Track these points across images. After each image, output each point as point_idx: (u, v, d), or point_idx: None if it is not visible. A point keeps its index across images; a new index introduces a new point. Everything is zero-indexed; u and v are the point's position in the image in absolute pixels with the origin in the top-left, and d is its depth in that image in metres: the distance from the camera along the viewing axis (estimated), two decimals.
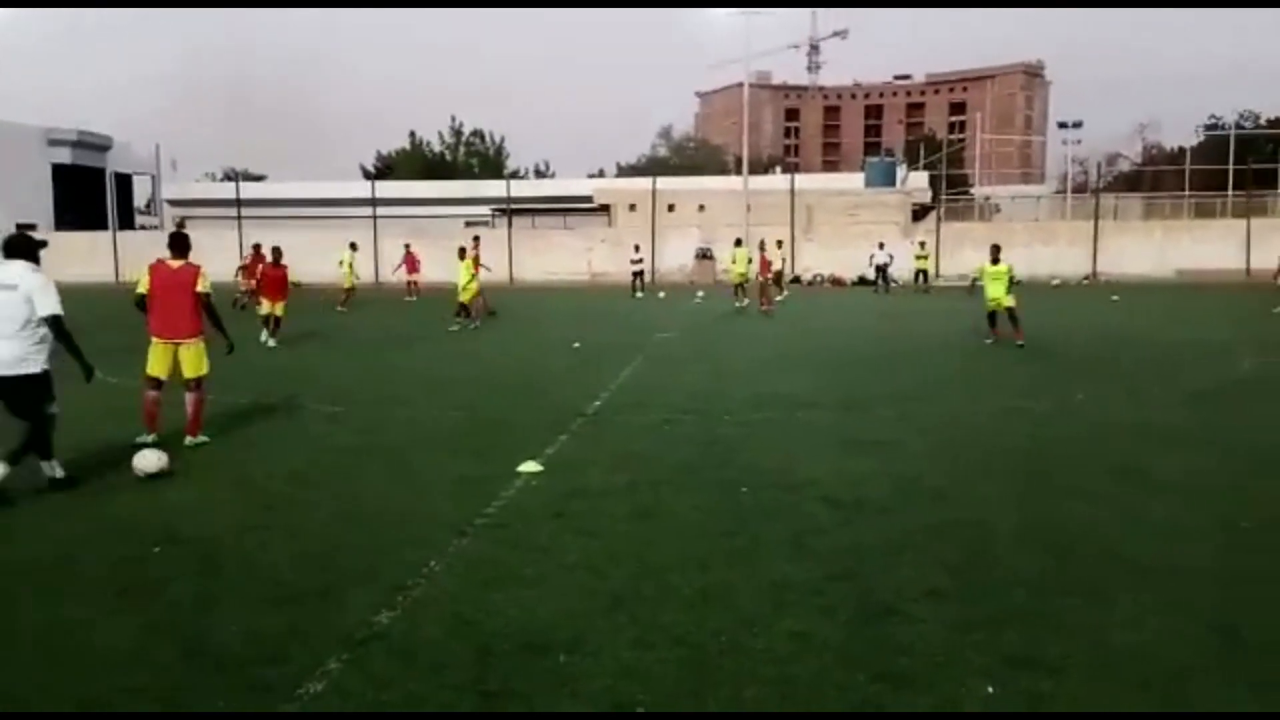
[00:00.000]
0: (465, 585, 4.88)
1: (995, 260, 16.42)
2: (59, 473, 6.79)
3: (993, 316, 16.33)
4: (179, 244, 8.51)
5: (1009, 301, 15.96)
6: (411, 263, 30.20)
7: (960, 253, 40.57)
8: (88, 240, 45.64)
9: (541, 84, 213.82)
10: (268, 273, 17.70)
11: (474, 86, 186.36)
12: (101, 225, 49.14)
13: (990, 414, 9.89)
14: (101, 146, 61.48)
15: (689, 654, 4.06)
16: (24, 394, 6.59)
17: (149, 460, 7.10)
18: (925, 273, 34.91)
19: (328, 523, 6.02)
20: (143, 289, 8.29)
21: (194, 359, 8.29)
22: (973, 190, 61.08)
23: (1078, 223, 42.52)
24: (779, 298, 27.68)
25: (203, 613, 4.53)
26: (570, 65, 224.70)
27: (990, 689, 3.73)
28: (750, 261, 26.84)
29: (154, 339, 8.29)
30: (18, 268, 6.69)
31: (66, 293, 6.86)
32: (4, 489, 6.35)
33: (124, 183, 60.59)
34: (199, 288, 8.28)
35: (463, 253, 20.42)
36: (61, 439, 6.94)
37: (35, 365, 6.62)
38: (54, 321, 6.64)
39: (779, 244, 30.01)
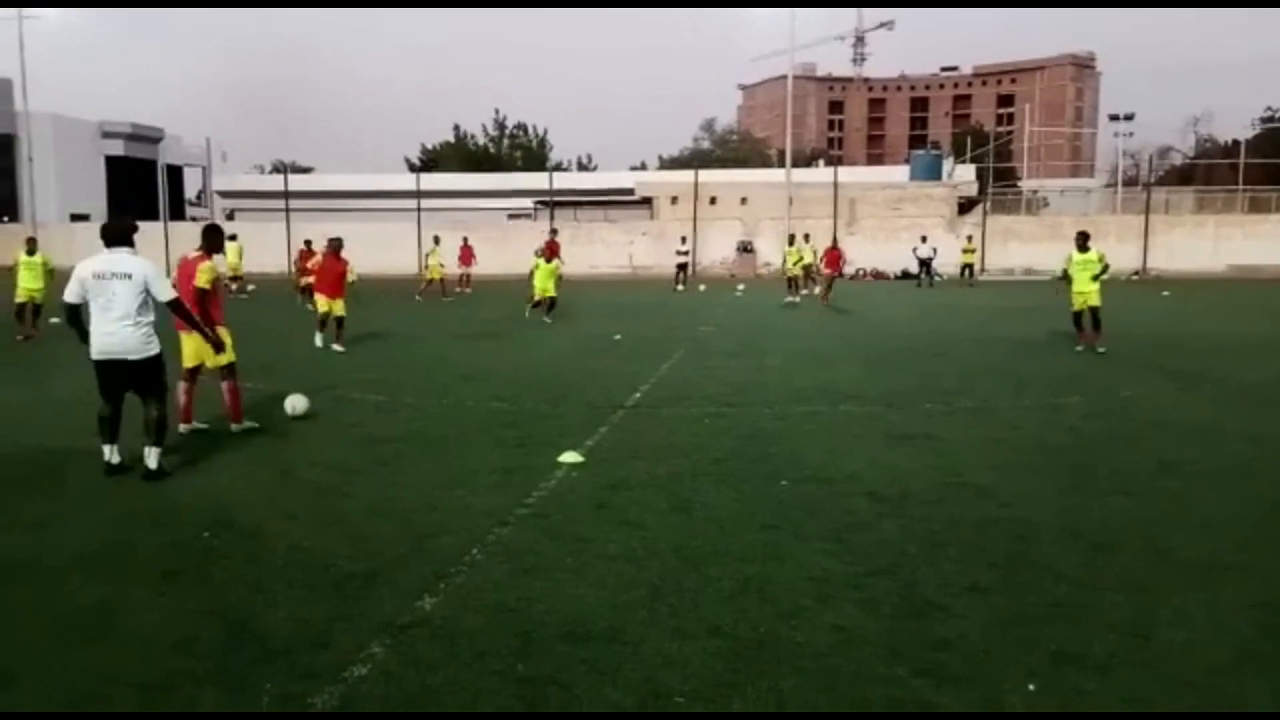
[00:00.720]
0: (507, 573, 4.93)
1: (1084, 247, 14.67)
2: (155, 464, 6.84)
3: (1079, 316, 14.49)
4: (204, 236, 8.59)
5: (1097, 299, 14.30)
6: (467, 255, 30.34)
7: (1007, 247, 40.05)
8: (139, 231, 46.52)
9: (585, 76, 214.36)
10: (327, 265, 15.22)
11: (518, 79, 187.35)
12: (153, 216, 50.12)
13: (1034, 409, 9.76)
14: (153, 139, 62.75)
15: (728, 645, 4.06)
16: (152, 375, 6.93)
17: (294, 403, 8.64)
18: (971, 267, 34.48)
19: (371, 510, 6.11)
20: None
21: (202, 349, 8.18)
22: (1020, 184, 60.11)
23: (1128, 217, 41.71)
24: (804, 292, 27.80)
25: (250, 598, 4.62)
26: (613, 57, 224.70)
27: (1032, 686, 3.69)
28: (800, 259, 27.36)
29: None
30: (126, 256, 6.92)
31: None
32: (64, 470, 6.52)
33: (175, 174, 61.83)
34: (196, 281, 8.20)
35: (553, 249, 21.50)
36: (87, 420, 7.06)
37: (156, 346, 6.94)
38: (175, 305, 7.16)
39: (806, 237, 30.14)
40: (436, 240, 28.89)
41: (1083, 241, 14.80)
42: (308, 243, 23.37)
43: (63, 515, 6.02)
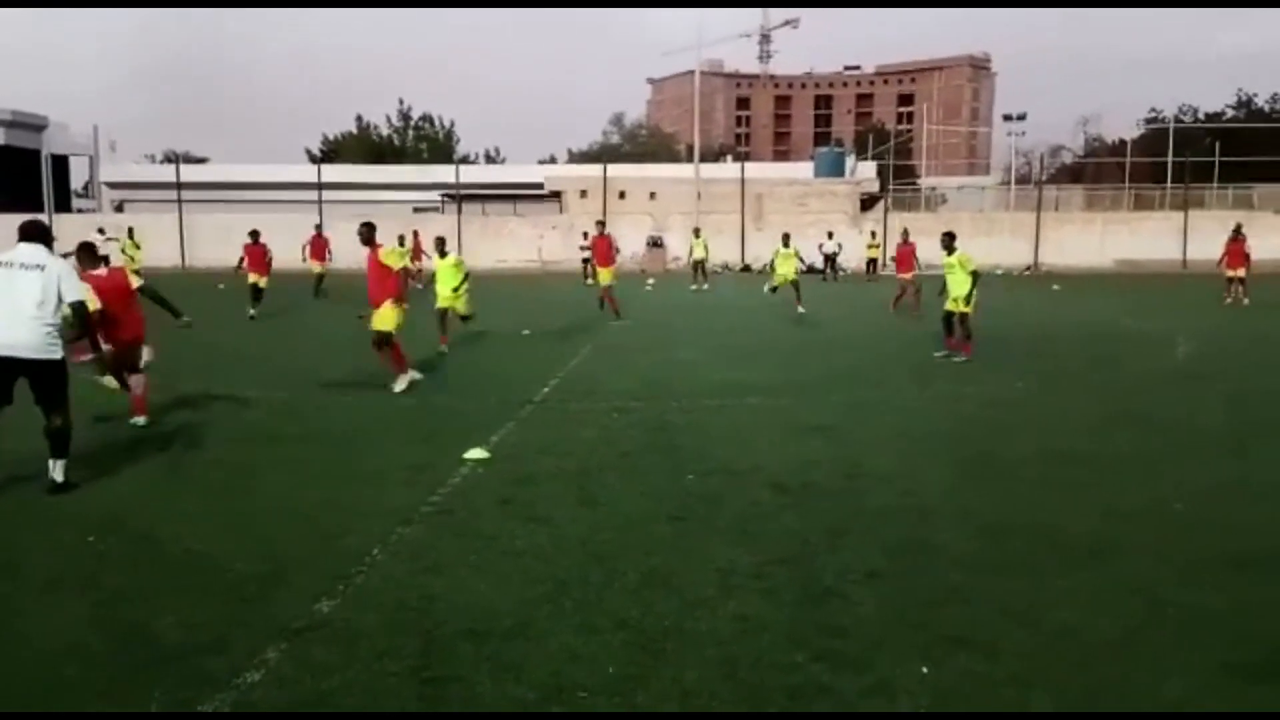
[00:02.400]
0: (409, 572, 4.86)
1: (949, 248, 13.25)
2: (61, 477, 6.36)
3: (949, 319, 13.16)
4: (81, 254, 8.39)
5: (966, 306, 12.85)
6: (320, 248, 28.99)
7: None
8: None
9: (492, 68, 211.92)
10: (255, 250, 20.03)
11: (423, 70, 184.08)
12: (37, 208, 47.70)
13: (933, 400, 10.07)
14: (37, 126, 59.63)
15: (633, 638, 4.08)
16: (51, 381, 6.34)
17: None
18: (875, 262, 35.34)
19: (270, 512, 5.94)
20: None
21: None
22: (920, 181, 61.82)
23: (1021, 214, 43.28)
24: (694, 286, 28.70)
25: (140, 603, 4.45)
26: (521, 49, 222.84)
27: (925, 669, 3.81)
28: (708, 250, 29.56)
29: None
30: (40, 250, 6.45)
31: None
32: None
33: (60, 164, 58.87)
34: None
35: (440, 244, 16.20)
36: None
37: (58, 351, 6.36)
38: (79, 307, 6.51)
39: (696, 232, 31.21)
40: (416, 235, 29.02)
41: (948, 242, 13.42)
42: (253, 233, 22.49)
43: None
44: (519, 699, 3.56)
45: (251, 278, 19.94)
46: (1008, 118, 65.48)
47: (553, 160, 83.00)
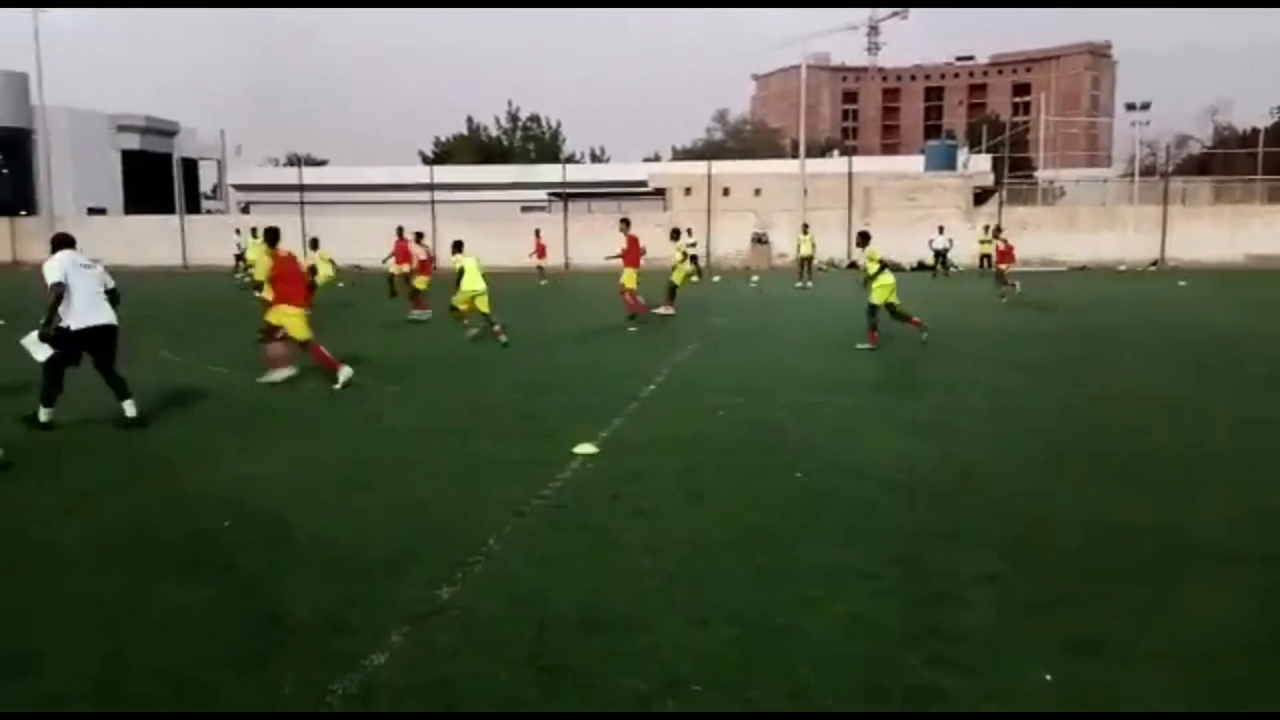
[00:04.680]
0: (523, 563, 4.97)
1: (862, 246, 14.15)
2: (134, 412, 8.19)
3: (874, 310, 13.72)
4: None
5: (878, 298, 13.59)
6: (404, 252, 29.59)
7: (1023, 237, 39.82)
8: (155, 224, 46.81)
9: (598, 68, 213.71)
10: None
11: (531, 72, 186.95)
12: (169, 209, 50.35)
13: (1047, 398, 9.74)
14: (169, 132, 62.97)
15: (744, 634, 4.09)
16: (116, 343, 8.32)
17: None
18: (989, 257, 34.30)
19: (388, 501, 6.16)
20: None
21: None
22: (1036, 174, 59.73)
23: (1145, 207, 41.34)
24: (799, 284, 28.69)
25: (271, 585, 4.68)
26: (626, 49, 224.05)
27: (1048, 676, 3.71)
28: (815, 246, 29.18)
29: None
30: (78, 253, 8.35)
31: (138, 275, 7.22)
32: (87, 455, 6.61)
33: (190, 168, 62.00)
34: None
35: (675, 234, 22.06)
36: (116, 409, 7.17)
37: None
38: (113, 292, 8.43)
39: (804, 228, 31.20)
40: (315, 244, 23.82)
41: (861, 241, 14.39)
42: (401, 229, 23.30)
43: (86, 502, 6.10)
44: (633, 690, 3.62)
45: (410, 278, 20.52)
46: (1130, 107, 62.60)
47: (657, 158, 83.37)
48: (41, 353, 8.02)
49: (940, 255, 33.11)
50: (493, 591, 4.57)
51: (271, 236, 10.94)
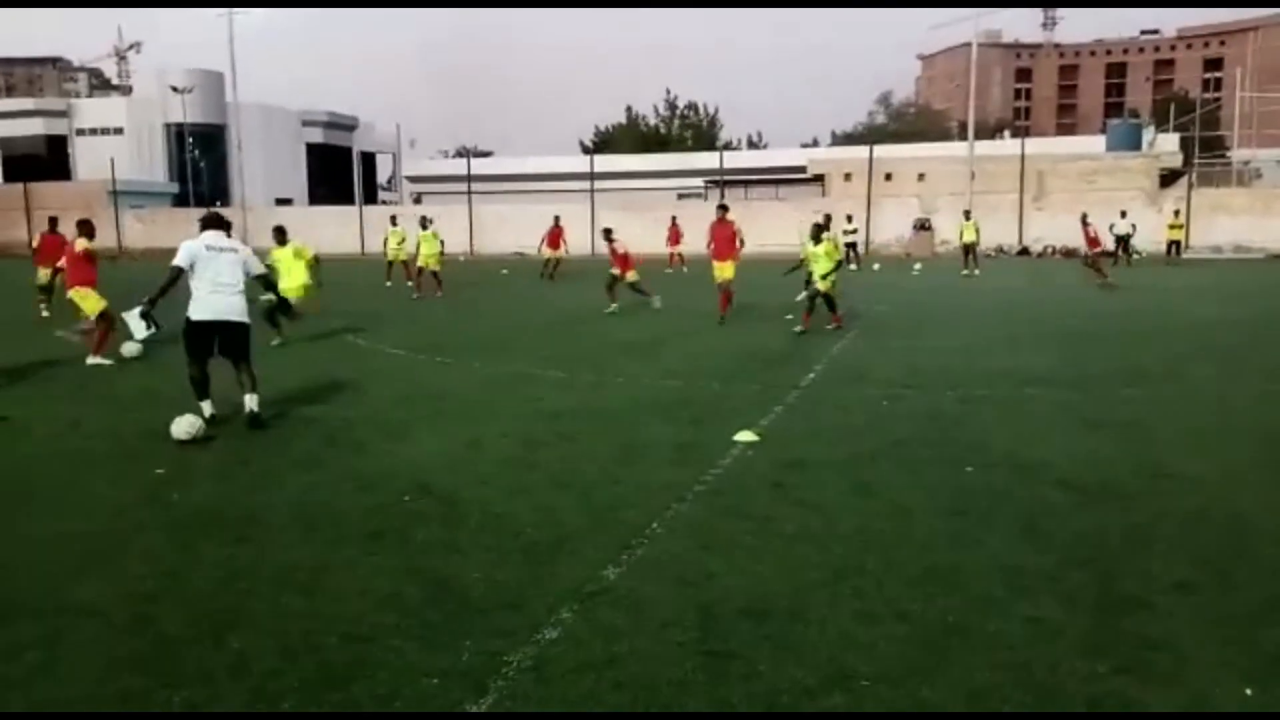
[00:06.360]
0: (686, 549, 4.99)
1: (816, 239, 14.31)
2: (257, 408, 7.87)
3: (814, 300, 14.23)
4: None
5: (827, 286, 14.12)
6: (675, 234, 30.51)
7: (1215, 222, 36.98)
8: (336, 214, 49.67)
9: (755, 53, 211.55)
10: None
11: (689, 58, 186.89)
12: (349, 200, 53.29)
13: (1247, 396, 9.00)
14: (349, 126, 66.60)
15: (915, 632, 3.97)
16: (245, 339, 8.01)
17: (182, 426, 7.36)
18: (1178, 244, 32.05)
19: (554, 481, 6.32)
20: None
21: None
22: (1230, 154, 55.21)
23: None
24: (964, 271, 27.67)
25: (447, 558, 4.89)
26: (783, 30, 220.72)
27: (1249, 690, 3.43)
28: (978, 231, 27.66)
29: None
30: (224, 236, 8.00)
31: (324, 262, 7.60)
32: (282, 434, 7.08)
33: (368, 161, 65.43)
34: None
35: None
36: (303, 389, 7.63)
37: (248, 316, 8.07)
38: (265, 278, 8.51)
39: (966, 214, 30.49)
40: (394, 220, 26.84)
41: (816, 234, 14.46)
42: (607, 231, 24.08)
43: (280, 476, 6.54)
44: (799, 681, 3.57)
45: (547, 254, 25.18)
46: None
47: (815, 143, 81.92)
48: (140, 330, 7.87)
49: (1122, 241, 31.05)
50: (657, 575, 4.61)
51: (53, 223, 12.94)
